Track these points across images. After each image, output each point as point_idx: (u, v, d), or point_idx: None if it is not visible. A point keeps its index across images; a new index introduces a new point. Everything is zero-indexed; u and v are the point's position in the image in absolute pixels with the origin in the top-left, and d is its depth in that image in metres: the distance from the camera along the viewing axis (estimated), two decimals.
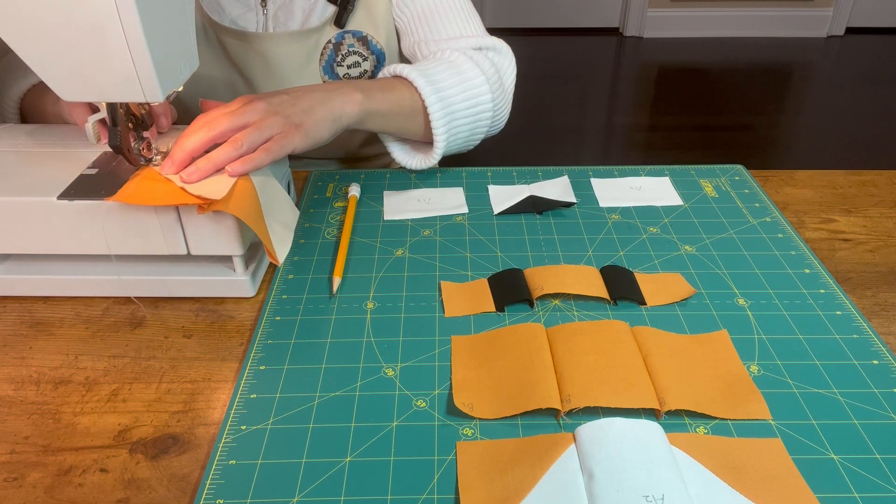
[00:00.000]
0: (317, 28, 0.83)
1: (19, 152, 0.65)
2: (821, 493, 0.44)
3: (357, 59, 0.76)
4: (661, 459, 0.44)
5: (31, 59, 0.53)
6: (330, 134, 0.68)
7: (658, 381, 0.51)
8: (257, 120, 0.62)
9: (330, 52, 0.74)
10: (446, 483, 0.45)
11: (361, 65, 0.77)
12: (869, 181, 0.82)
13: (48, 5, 0.50)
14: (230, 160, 0.59)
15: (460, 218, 0.74)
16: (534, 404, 0.49)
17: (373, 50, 0.76)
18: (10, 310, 0.62)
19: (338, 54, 0.75)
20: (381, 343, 0.57)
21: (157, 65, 0.53)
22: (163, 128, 0.68)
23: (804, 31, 3.49)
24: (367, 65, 0.77)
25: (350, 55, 0.76)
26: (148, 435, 0.50)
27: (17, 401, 0.53)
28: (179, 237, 0.59)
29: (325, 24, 0.83)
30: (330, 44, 0.73)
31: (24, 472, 0.47)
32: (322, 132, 0.67)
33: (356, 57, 0.76)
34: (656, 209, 0.75)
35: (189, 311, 0.62)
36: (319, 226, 0.73)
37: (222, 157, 0.58)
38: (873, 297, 0.63)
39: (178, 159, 0.58)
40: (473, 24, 0.85)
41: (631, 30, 3.51)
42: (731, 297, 0.62)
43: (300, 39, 0.83)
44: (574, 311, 0.60)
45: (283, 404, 0.51)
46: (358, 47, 0.76)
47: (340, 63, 0.76)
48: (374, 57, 0.76)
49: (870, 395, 0.51)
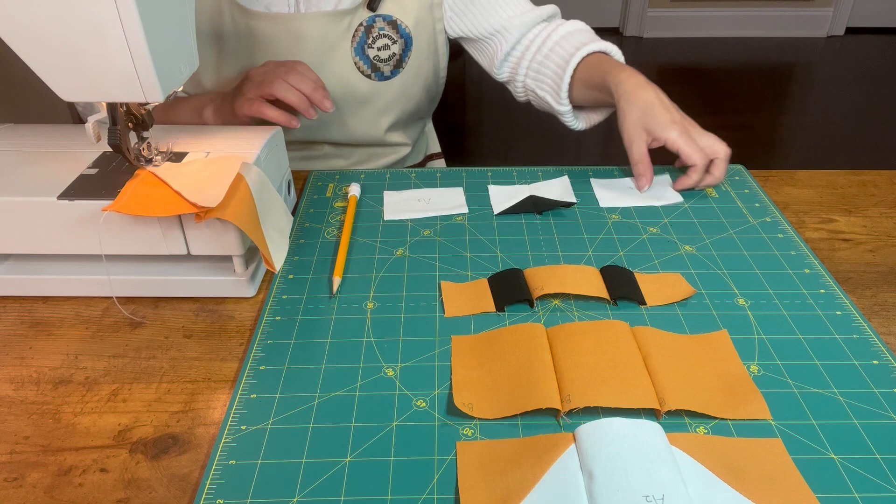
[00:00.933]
0: (349, 10, 0.85)
1: (19, 152, 0.65)
2: (821, 493, 0.44)
3: (387, 42, 0.78)
4: (661, 459, 0.44)
5: (31, 59, 0.53)
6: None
7: (658, 381, 0.51)
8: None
9: (361, 35, 0.75)
10: (446, 483, 0.45)
11: (391, 47, 0.78)
12: (869, 181, 0.82)
13: (48, 5, 0.50)
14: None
15: (460, 218, 0.74)
16: (534, 404, 0.49)
17: (401, 33, 0.77)
18: (10, 310, 0.62)
19: (369, 36, 0.77)
20: (381, 343, 0.57)
21: (157, 65, 0.53)
22: (327, 109, 0.75)
23: (804, 31, 3.49)
24: (396, 48, 0.79)
25: (380, 38, 0.77)
26: (148, 435, 0.50)
27: (17, 401, 0.53)
28: (179, 237, 0.59)
29: (358, 6, 0.85)
30: (361, 26, 0.75)
31: (24, 472, 0.47)
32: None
33: (386, 40, 0.78)
34: (656, 209, 0.75)
35: (189, 311, 0.62)
36: (319, 226, 0.73)
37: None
38: (873, 297, 0.63)
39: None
40: (528, 3, 0.92)
41: (631, 30, 3.50)
42: (731, 297, 0.62)
43: (333, 20, 0.85)
44: (574, 311, 0.60)
45: (283, 404, 0.51)
46: (388, 30, 0.77)
47: (371, 45, 0.77)
48: (403, 40, 0.78)
49: (870, 395, 0.51)
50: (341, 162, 0.97)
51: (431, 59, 0.92)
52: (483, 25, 0.90)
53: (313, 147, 0.95)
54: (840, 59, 3.26)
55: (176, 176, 0.60)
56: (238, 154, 0.64)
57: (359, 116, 0.92)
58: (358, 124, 0.92)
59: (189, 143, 0.67)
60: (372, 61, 0.80)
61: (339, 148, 0.96)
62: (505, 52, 0.91)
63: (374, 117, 0.92)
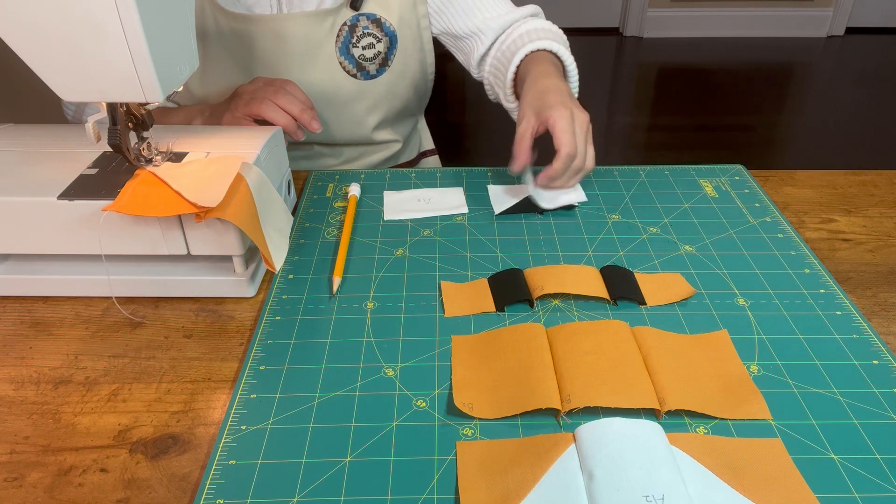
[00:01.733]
0: (332, 10, 0.85)
1: (19, 152, 0.65)
2: (821, 493, 0.44)
3: (371, 41, 0.78)
4: (661, 459, 0.44)
5: (31, 59, 0.53)
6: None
7: (658, 381, 0.51)
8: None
9: (346, 34, 0.75)
10: (446, 483, 0.45)
11: (375, 46, 0.78)
12: (869, 181, 0.82)
13: (48, 5, 0.50)
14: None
15: (460, 218, 0.74)
16: (534, 404, 0.49)
17: (386, 31, 0.77)
18: (10, 310, 0.62)
19: (353, 36, 0.77)
20: (381, 343, 0.57)
21: (157, 65, 0.53)
22: (315, 130, 0.75)
23: (804, 31, 3.49)
24: (381, 46, 0.79)
25: (365, 37, 0.77)
26: (148, 435, 0.50)
27: (17, 401, 0.53)
28: (179, 237, 0.59)
29: (341, 6, 0.85)
30: (346, 26, 0.75)
31: (24, 472, 0.47)
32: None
33: (370, 38, 0.78)
34: (656, 209, 0.75)
35: (189, 311, 0.61)
36: (319, 226, 0.73)
37: None
38: (873, 297, 0.63)
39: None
40: (509, 3, 0.93)
41: (631, 30, 3.50)
42: (731, 297, 0.62)
43: (316, 20, 0.84)
44: (574, 311, 0.60)
45: (283, 404, 0.51)
46: (372, 29, 0.77)
47: (356, 44, 0.77)
48: (388, 38, 0.78)
49: (870, 395, 0.51)
50: (331, 160, 0.97)
51: (417, 55, 0.92)
52: (461, 25, 0.91)
53: (302, 147, 0.95)
54: (840, 59, 3.26)
55: (176, 176, 0.60)
56: (238, 154, 0.64)
57: (346, 116, 0.92)
58: (345, 124, 0.92)
59: (189, 143, 0.67)
60: (357, 60, 0.81)
61: (328, 147, 0.96)
62: (481, 53, 0.91)
63: (361, 116, 0.92)
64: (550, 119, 0.70)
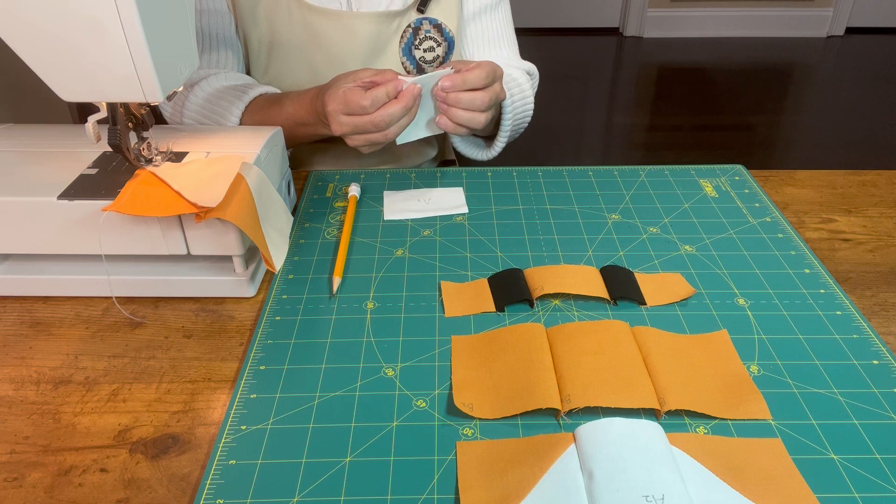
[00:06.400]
0: (400, 11, 0.89)
1: (19, 152, 0.65)
2: (821, 493, 0.44)
3: (432, 45, 0.80)
4: (661, 459, 0.44)
5: (31, 59, 0.53)
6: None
7: (658, 381, 0.51)
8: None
9: (409, 35, 0.77)
10: (446, 483, 0.45)
11: (435, 50, 0.80)
12: (869, 181, 0.82)
13: (48, 5, 0.50)
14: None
15: (460, 218, 0.74)
16: (534, 404, 0.49)
17: (445, 37, 0.79)
18: (10, 310, 0.62)
19: (416, 38, 0.79)
20: (381, 343, 0.57)
21: (157, 65, 0.53)
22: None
23: (804, 31, 3.49)
24: (441, 50, 0.80)
25: (426, 40, 0.79)
26: (148, 435, 0.50)
27: (17, 401, 0.53)
28: (179, 237, 0.59)
29: (409, 8, 0.90)
30: (409, 27, 0.77)
31: (24, 472, 0.47)
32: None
33: (431, 42, 0.80)
34: (656, 209, 0.75)
35: (189, 311, 0.62)
36: (319, 226, 0.73)
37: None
38: (873, 297, 0.63)
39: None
40: (516, 53, 1.01)
41: (631, 30, 3.50)
42: (731, 297, 0.62)
43: (384, 20, 0.89)
44: (574, 311, 0.60)
45: (283, 404, 0.51)
46: (433, 33, 0.79)
47: (418, 46, 0.80)
48: (447, 43, 0.80)
49: (870, 395, 0.51)
50: (372, 160, 0.99)
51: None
52: (477, 55, 0.97)
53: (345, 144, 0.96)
54: (840, 59, 3.26)
55: (176, 176, 0.60)
56: (238, 154, 0.64)
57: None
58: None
59: (189, 143, 0.67)
60: (418, 62, 0.82)
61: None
62: None
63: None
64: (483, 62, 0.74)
